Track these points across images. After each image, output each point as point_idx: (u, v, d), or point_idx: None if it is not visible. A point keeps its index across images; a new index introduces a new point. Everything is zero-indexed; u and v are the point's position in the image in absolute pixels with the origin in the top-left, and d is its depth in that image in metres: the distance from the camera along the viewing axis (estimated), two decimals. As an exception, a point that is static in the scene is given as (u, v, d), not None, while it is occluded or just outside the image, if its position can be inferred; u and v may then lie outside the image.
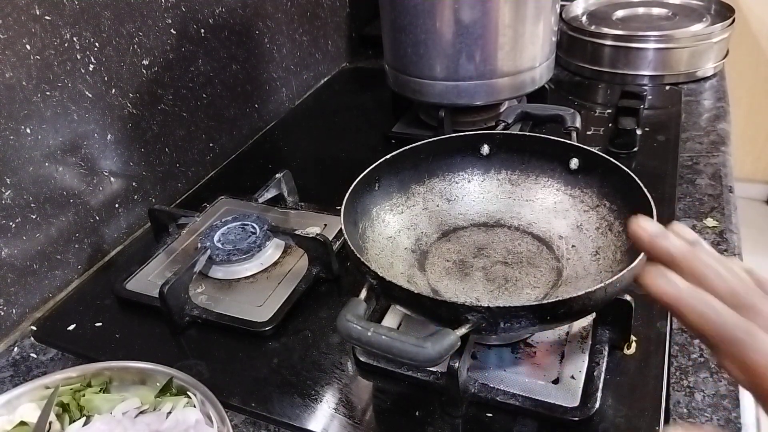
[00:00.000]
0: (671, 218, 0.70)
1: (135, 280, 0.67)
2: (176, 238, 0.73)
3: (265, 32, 0.98)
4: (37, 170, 0.64)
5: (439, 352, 0.41)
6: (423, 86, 0.85)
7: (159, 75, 0.78)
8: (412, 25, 0.81)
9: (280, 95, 1.06)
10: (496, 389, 0.50)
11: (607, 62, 1.05)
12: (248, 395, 0.53)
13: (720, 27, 1.01)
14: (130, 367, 0.50)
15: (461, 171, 0.67)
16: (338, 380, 0.54)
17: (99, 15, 0.68)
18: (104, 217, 0.73)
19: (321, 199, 0.78)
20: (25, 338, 0.63)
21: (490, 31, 0.79)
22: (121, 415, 0.47)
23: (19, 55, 0.60)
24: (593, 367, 0.51)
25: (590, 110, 0.97)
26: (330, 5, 1.17)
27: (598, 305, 0.47)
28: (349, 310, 0.44)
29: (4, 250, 0.62)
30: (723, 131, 0.88)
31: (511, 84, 0.84)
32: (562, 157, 0.63)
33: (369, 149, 0.93)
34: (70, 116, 0.67)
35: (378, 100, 1.06)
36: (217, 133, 0.91)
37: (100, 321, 0.63)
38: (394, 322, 0.58)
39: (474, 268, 0.60)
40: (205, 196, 0.81)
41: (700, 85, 1.03)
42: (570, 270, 0.58)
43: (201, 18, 0.84)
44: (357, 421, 0.50)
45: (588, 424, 0.47)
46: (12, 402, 0.47)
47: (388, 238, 0.62)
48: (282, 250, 0.69)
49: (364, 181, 0.60)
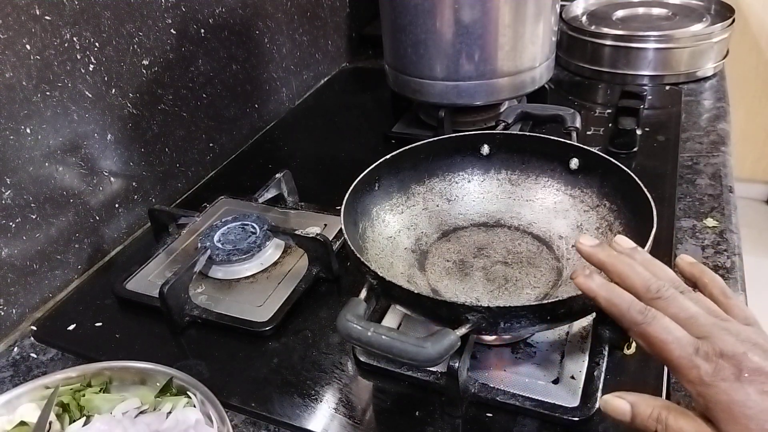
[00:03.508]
0: (671, 218, 0.70)
1: (135, 280, 0.67)
2: (176, 238, 0.73)
3: (265, 32, 0.98)
4: (37, 170, 0.64)
5: (439, 352, 0.41)
6: (423, 86, 0.85)
7: (159, 75, 0.78)
8: (412, 25, 0.81)
9: (280, 95, 1.06)
10: (496, 389, 0.50)
11: (607, 62, 1.05)
12: (248, 395, 0.53)
13: (720, 27, 1.01)
14: (130, 367, 0.50)
15: (461, 171, 0.67)
16: (338, 380, 0.54)
17: (99, 15, 0.68)
18: (104, 217, 0.73)
19: (321, 199, 0.78)
20: (25, 338, 0.63)
21: (490, 31, 0.79)
22: (121, 415, 0.47)
23: (19, 55, 0.60)
24: (593, 367, 0.51)
25: (590, 110, 0.97)
26: (330, 5, 1.17)
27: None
28: (349, 310, 0.44)
29: (4, 250, 0.62)
30: (723, 131, 0.88)
31: (511, 84, 0.84)
32: (562, 157, 0.63)
33: (369, 149, 0.93)
34: (70, 116, 0.67)
35: (378, 100, 1.06)
36: (217, 133, 0.91)
37: (100, 321, 0.63)
38: (394, 322, 0.58)
39: (474, 268, 0.60)
40: (205, 196, 0.81)
41: (700, 85, 1.03)
42: (570, 270, 0.58)
43: (201, 18, 0.84)
44: (357, 421, 0.50)
45: (588, 424, 0.47)
46: (12, 402, 0.47)
47: (388, 238, 0.62)
48: (282, 250, 0.69)
49: (364, 181, 0.60)
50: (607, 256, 0.41)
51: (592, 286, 0.39)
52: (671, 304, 0.37)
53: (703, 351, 0.34)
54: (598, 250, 0.42)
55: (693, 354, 0.34)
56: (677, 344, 0.34)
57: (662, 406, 0.36)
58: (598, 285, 0.39)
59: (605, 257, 0.41)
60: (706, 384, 0.33)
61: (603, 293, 0.38)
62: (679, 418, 0.35)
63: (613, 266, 0.40)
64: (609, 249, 0.42)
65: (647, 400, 0.37)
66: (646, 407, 0.36)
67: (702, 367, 0.33)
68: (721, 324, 0.35)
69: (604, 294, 0.38)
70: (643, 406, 0.36)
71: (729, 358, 0.33)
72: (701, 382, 0.33)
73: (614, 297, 0.38)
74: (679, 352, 0.34)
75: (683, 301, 0.37)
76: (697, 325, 0.35)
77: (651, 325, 0.36)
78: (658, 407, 0.36)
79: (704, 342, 0.34)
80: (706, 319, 0.36)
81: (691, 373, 0.34)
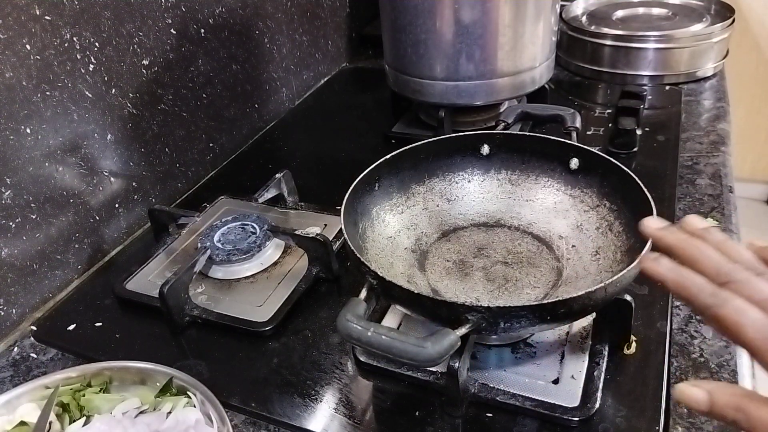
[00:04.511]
0: (671, 218, 0.70)
1: (135, 280, 0.67)
2: (176, 238, 0.73)
3: (265, 32, 0.98)
4: (37, 170, 0.64)
5: (439, 352, 0.41)
6: (423, 86, 0.85)
7: (159, 75, 0.78)
8: (412, 25, 0.81)
9: (280, 95, 1.06)
10: (496, 389, 0.50)
11: (607, 62, 1.05)
12: (248, 395, 0.53)
13: (720, 27, 1.01)
14: (130, 367, 0.50)
15: (461, 171, 0.67)
16: (338, 380, 0.54)
17: (99, 15, 0.68)
18: (104, 217, 0.73)
19: (321, 199, 0.78)
20: (25, 338, 0.63)
21: (490, 31, 0.79)
22: (121, 415, 0.47)
23: (19, 55, 0.60)
24: (593, 367, 0.51)
25: (590, 110, 0.97)
26: (330, 5, 1.17)
27: (598, 305, 0.47)
28: (349, 310, 0.44)
29: (4, 250, 0.62)
30: (723, 131, 0.88)
31: (511, 84, 0.84)
32: (562, 157, 0.63)
33: (369, 149, 0.93)
34: (70, 116, 0.67)
35: (378, 100, 1.06)
36: (217, 133, 0.91)
37: (100, 321, 0.63)
38: (394, 322, 0.58)
39: (474, 268, 0.60)
40: (205, 196, 0.81)
41: (700, 85, 1.03)
42: (570, 270, 0.58)
43: (201, 18, 0.84)
44: (357, 421, 0.50)
45: (588, 424, 0.47)
46: (12, 402, 0.47)
47: (388, 238, 0.62)
48: (282, 250, 0.69)
49: (364, 181, 0.60)
50: (677, 240, 0.39)
51: (660, 270, 0.37)
52: (745, 286, 0.35)
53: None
54: (667, 233, 0.39)
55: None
56: (752, 326, 0.33)
57: (743, 394, 0.34)
58: (666, 269, 0.37)
59: (674, 240, 0.39)
60: None
61: (672, 276, 0.37)
62: (761, 407, 0.33)
63: (682, 250, 0.38)
64: (678, 231, 0.40)
65: (726, 388, 0.35)
66: (724, 395, 0.34)
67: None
68: None
69: (673, 277, 0.36)
70: (720, 394, 0.34)
71: None
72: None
73: (684, 280, 0.36)
74: (753, 334, 0.32)
75: (758, 282, 0.35)
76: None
77: (723, 308, 0.34)
78: (738, 395, 0.34)
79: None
80: None
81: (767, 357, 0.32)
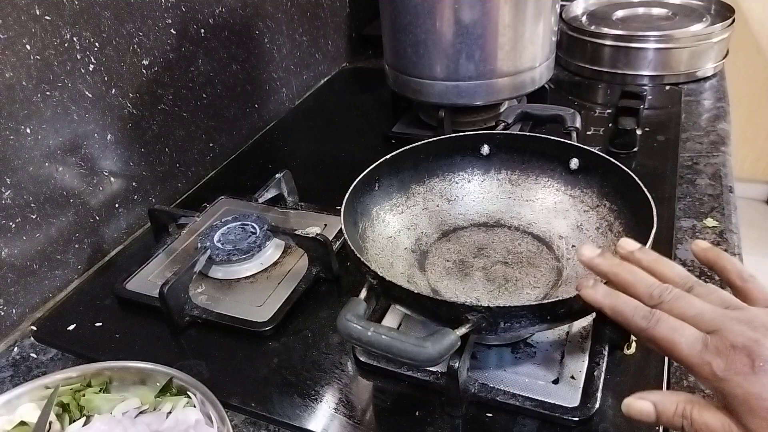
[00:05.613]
0: (671, 218, 0.70)
1: (135, 280, 0.67)
2: (176, 238, 0.73)
3: (265, 32, 0.98)
4: (37, 170, 0.64)
5: (439, 352, 0.41)
6: (423, 86, 0.85)
7: (159, 75, 0.78)
8: (412, 25, 0.81)
9: (280, 95, 1.06)
10: (496, 389, 0.50)
11: (607, 62, 1.05)
12: (248, 395, 0.53)
13: (720, 27, 1.01)
14: (130, 367, 0.50)
15: (461, 171, 0.67)
16: (338, 380, 0.54)
17: (99, 15, 0.68)
18: (104, 217, 0.73)
19: (321, 199, 0.78)
20: (25, 338, 0.63)
21: (490, 31, 0.79)
22: (121, 415, 0.47)
23: (19, 55, 0.60)
24: (593, 367, 0.51)
25: (590, 110, 0.97)
26: (330, 5, 1.17)
27: (598, 305, 0.47)
28: (349, 310, 0.44)
29: (4, 250, 0.62)
30: (723, 131, 0.88)
31: (511, 84, 0.84)
32: (562, 157, 0.63)
33: (369, 149, 0.93)
34: (70, 116, 0.67)
35: (378, 100, 1.06)
36: (217, 133, 0.91)
37: (100, 321, 0.63)
38: (394, 322, 0.58)
39: (474, 268, 0.60)
40: (205, 196, 0.81)
41: (700, 85, 1.03)
42: (570, 270, 0.58)
43: (201, 18, 0.84)
44: (357, 421, 0.50)
45: (588, 424, 0.47)
46: (12, 402, 0.47)
47: (388, 238, 0.62)
48: (282, 250, 0.69)
49: (364, 181, 0.60)
50: (609, 266, 0.41)
51: (597, 297, 0.40)
52: (676, 304, 0.36)
53: (713, 346, 0.33)
54: (600, 261, 0.42)
55: (702, 350, 0.33)
56: (685, 342, 0.34)
57: (686, 400, 0.35)
58: (602, 295, 0.39)
59: (607, 267, 0.41)
60: (720, 379, 0.32)
61: (608, 302, 0.39)
62: (703, 412, 0.34)
63: (615, 276, 0.40)
64: (611, 257, 0.42)
65: (670, 396, 0.36)
66: (669, 404, 0.35)
67: (713, 362, 0.33)
68: (732, 314, 0.35)
69: (609, 303, 0.39)
70: (666, 403, 0.36)
71: (740, 350, 0.32)
72: (715, 378, 0.33)
73: (619, 305, 0.38)
74: (688, 351, 0.34)
75: (688, 299, 0.37)
76: (705, 321, 0.35)
77: (656, 328, 0.36)
78: (682, 402, 0.35)
79: (714, 336, 0.34)
80: (713, 312, 0.35)
81: (704, 370, 0.33)
